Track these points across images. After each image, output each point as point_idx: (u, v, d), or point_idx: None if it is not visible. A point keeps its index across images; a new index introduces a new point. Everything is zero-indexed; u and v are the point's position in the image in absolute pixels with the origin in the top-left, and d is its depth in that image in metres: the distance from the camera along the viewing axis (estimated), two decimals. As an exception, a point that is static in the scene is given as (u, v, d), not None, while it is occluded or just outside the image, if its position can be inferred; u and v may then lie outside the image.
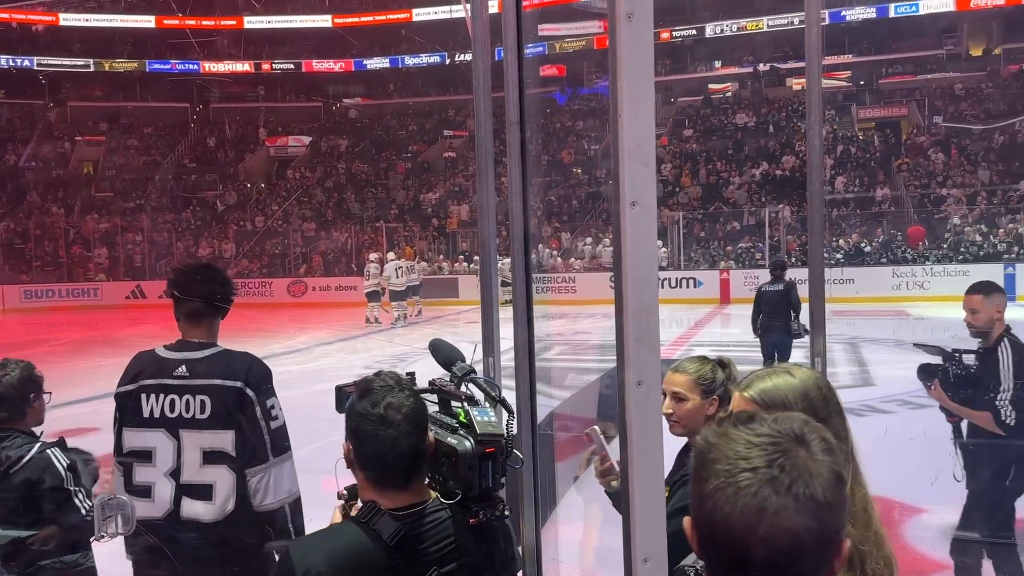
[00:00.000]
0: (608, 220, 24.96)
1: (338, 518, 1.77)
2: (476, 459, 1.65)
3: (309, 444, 4.03)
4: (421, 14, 35.00)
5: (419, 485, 1.70)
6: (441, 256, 25.96)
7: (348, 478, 1.78)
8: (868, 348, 12.54)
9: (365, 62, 37.05)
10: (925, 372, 4.01)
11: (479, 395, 1.83)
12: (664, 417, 2.12)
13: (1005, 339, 3.87)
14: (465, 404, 1.75)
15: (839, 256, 21.54)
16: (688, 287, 22.45)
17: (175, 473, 2.54)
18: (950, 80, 29.46)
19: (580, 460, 2.94)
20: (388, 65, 37.14)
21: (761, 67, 31.81)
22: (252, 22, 36.48)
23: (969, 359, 3.99)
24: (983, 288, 3.95)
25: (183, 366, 2.58)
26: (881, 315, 17.27)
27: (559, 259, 24.15)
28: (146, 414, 2.57)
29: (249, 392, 2.54)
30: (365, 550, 1.57)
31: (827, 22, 30.56)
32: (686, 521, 1.00)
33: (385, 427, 1.61)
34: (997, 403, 3.81)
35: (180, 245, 29.11)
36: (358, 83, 38.06)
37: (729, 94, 32.66)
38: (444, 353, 1.92)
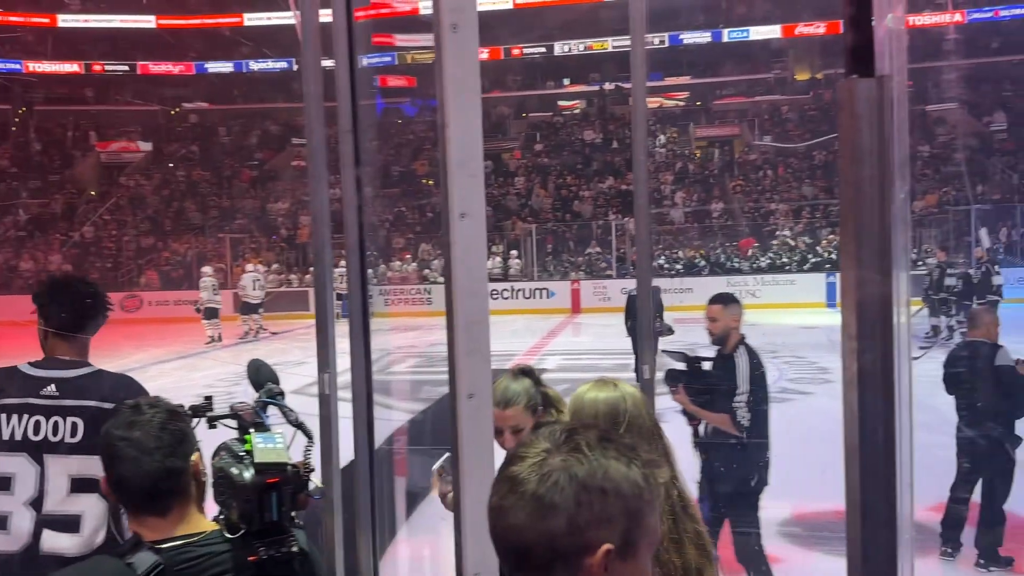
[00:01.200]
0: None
1: None
2: (255, 490, 1.54)
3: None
4: (253, 19, 33.81)
5: (186, 515, 1.58)
6: (288, 268, 25.17)
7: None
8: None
9: (207, 65, 35.43)
10: (671, 377, 4.24)
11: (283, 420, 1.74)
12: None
13: (742, 346, 4.18)
14: (252, 431, 1.65)
15: (679, 267, 22.64)
16: (541, 297, 22.91)
17: (36, 502, 2.28)
18: (777, 102, 31.72)
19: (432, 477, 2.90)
20: (232, 70, 35.68)
21: (607, 86, 33.04)
22: (67, 20, 33.87)
23: (707, 365, 4.31)
24: (721, 299, 4.31)
25: (52, 385, 2.34)
26: (718, 322, 18.22)
27: (410, 270, 24.00)
28: (6, 436, 2.30)
29: None
30: None
31: (666, 44, 32.24)
32: None
33: (122, 450, 1.54)
34: (734, 405, 4.12)
35: (-2, 257, 26.69)
36: (199, 87, 36.33)
37: (578, 111, 33.70)
38: (256, 375, 1.82)
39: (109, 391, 2.37)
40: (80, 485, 2.30)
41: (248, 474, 1.55)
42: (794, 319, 18.19)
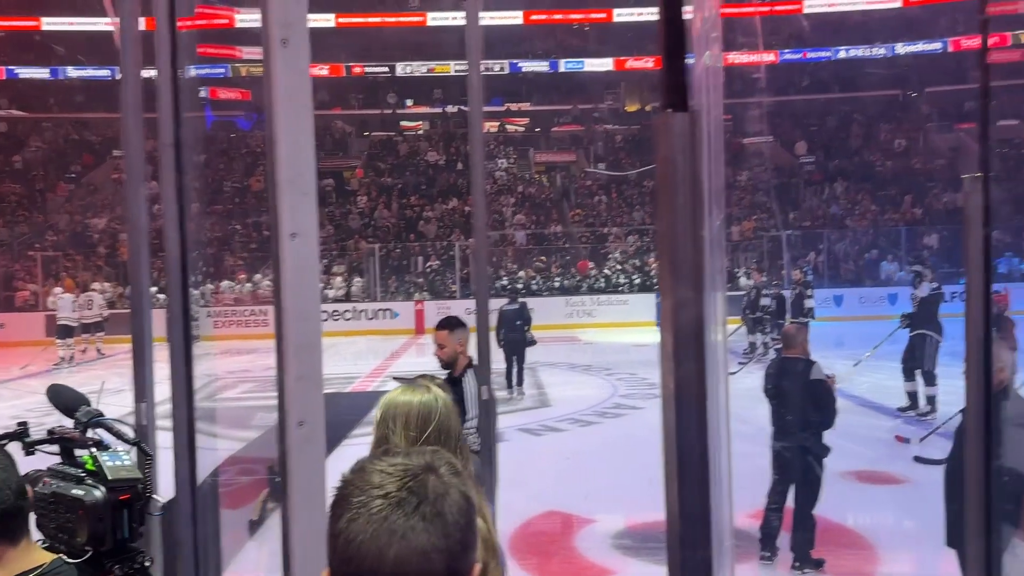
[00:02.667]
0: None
1: None
2: (108, 509, 1.50)
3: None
4: (53, 24, 31.37)
5: (31, 543, 1.47)
6: (99, 287, 23.36)
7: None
8: (545, 372, 13.52)
9: (17, 71, 32.54)
10: None
11: (112, 440, 1.65)
12: None
13: (469, 370, 4.20)
14: (93, 450, 1.58)
15: (520, 287, 23.10)
16: (385, 318, 22.65)
17: None
18: (611, 131, 33.19)
19: (255, 504, 2.78)
20: (48, 76, 32.98)
21: (449, 108, 33.34)
22: None
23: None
24: (448, 324, 4.25)
25: None
26: (556, 341, 18.75)
27: (245, 291, 22.99)
28: None
29: None
30: None
31: (507, 72, 33.03)
32: (324, 573, 0.95)
33: None
34: (464, 430, 4.22)
35: None
36: (9, 93, 33.31)
37: (421, 132, 33.77)
38: (64, 399, 1.72)
39: None
40: None
41: (99, 492, 1.50)
42: (627, 337, 19.00)
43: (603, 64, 33.58)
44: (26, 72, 32.68)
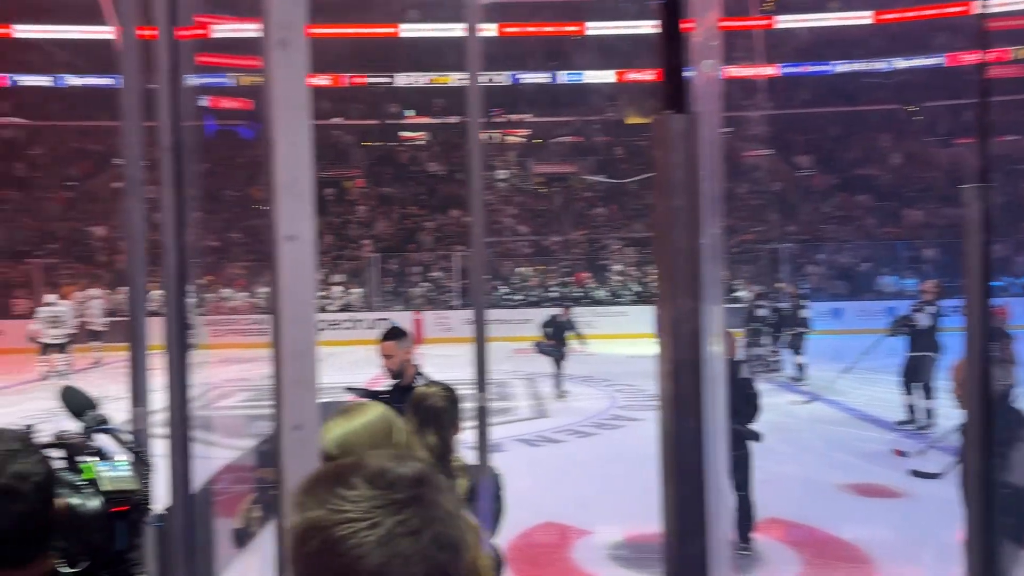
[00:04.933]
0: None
1: None
2: (104, 519, 1.48)
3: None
4: (24, 31, 31.37)
5: (39, 560, 1.42)
6: (97, 294, 23.34)
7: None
8: (545, 382, 13.48)
9: (17, 79, 32.62)
10: None
11: (115, 447, 1.64)
12: None
13: (419, 376, 4.37)
14: (94, 458, 1.56)
15: (519, 297, 23.13)
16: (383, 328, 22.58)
17: None
18: (611, 143, 33.27)
19: (240, 512, 2.78)
20: (51, 84, 33.06)
21: (453, 119, 33.44)
22: None
23: (386, 398, 4.48)
24: (394, 335, 4.41)
25: None
26: (556, 352, 18.68)
27: (242, 300, 22.96)
28: None
29: None
30: None
31: (507, 83, 33.20)
32: None
33: (10, 502, 1.28)
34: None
35: None
36: (10, 101, 33.38)
37: (422, 142, 33.83)
38: (74, 402, 1.71)
39: None
40: None
41: (93, 503, 1.48)
42: (626, 349, 18.96)
43: (603, 76, 33.71)
44: (27, 80, 32.78)
